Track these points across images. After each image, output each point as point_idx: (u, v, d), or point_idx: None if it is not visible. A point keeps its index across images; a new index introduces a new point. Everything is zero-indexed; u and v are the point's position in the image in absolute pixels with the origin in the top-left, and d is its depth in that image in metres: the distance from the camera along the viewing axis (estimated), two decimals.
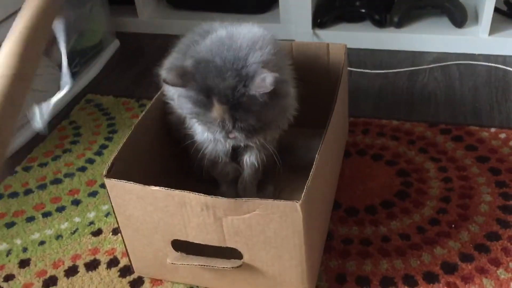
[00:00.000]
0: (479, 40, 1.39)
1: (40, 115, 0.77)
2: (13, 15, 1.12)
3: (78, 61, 1.40)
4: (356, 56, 1.42)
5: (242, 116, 0.75)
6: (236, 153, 0.90)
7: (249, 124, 0.76)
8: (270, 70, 0.73)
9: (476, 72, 1.33)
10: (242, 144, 0.84)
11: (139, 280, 0.86)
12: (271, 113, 0.77)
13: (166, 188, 0.73)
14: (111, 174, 0.76)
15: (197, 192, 0.72)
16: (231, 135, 0.77)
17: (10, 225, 0.99)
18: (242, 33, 0.79)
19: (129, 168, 0.80)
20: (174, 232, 0.77)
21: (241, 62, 0.74)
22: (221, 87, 0.73)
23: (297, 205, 0.68)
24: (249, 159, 0.89)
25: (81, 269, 0.89)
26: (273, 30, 0.84)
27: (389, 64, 1.39)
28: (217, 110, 0.75)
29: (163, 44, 0.93)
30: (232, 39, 0.77)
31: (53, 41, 1.36)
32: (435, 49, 1.43)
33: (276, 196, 0.96)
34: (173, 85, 0.76)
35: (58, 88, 1.36)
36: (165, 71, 0.77)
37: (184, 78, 0.75)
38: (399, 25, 1.46)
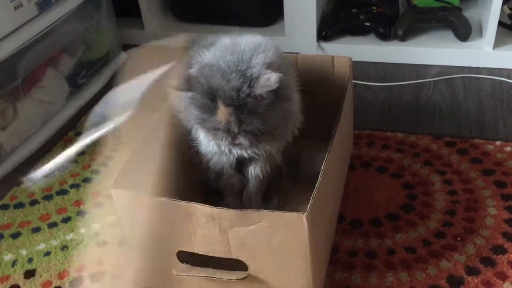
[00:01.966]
0: (484, 53, 1.40)
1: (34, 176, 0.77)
2: (10, 34, 1.14)
3: (85, 72, 1.41)
4: (360, 69, 1.43)
5: (247, 118, 0.75)
6: (241, 165, 0.90)
7: (254, 127, 0.76)
8: (274, 71, 0.75)
9: (481, 86, 1.34)
10: (246, 155, 0.84)
11: None
12: (275, 116, 0.78)
13: (172, 199, 0.73)
14: (117, 185, 0.76)
15: (202, 203, 0.72)
16: (236, 141, 0.78)
17: (15, 235, 0.99)
18: (245, 40, 0.81)
19: (135, 179, 0.80)
20: (179, 243, 0.77)
21: (245, 64, 0.75)
22: (225, 88, 0.74)
23: (302, 217, 0.68)
24: (254, 171, 0.89)
25: (86, 280, 0.89)
26: (278, 43, 0.85)
27: (393, 77, 1.40)
28: (222, 113, 0.75)
29: None
30: (235, 45, 0.79)
31: (61, 52, 1.38)
32: (439, 63, 1.43)
33: (281, 207, 0.96)
34: (179, 90, 0.78)
35: (65, 99, 1.38)
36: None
37: (189, 82, 0.76)
38: (403, 38, 1.47)
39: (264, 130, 0.77)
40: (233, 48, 0.78)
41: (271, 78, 0.73)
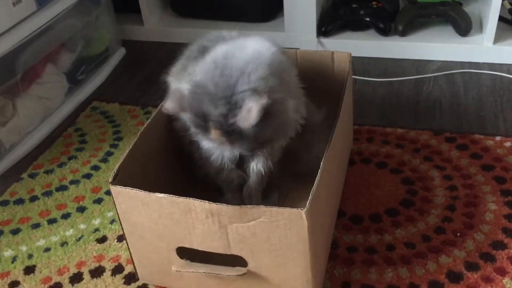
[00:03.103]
0: (484, 48, 1.39)
1: None
2: (8, 30, 1.13)
3: (84, 68, 1.41)
4: (360, 64, 1.43)
5: (238, 140, 0.76)
6: (242, 160, 0.90)
7: (246, 146, 0.77)
8: (260, 94, 0.73)
9: (481, 81, 1.33)
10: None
11: None
12: (267, 133, 0.78)
13: (171, 195, 0.73)
14: (116, 181, 0.76)
15: (202, 199, 0.72)
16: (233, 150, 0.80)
17: (15, 231, 0.99)
18: (237, 53, 0.78)
19: (134, 175, 0.80)
20: (179, 239, 0.77)
21: (230, 89, 0.74)
22: (214, 114, 0.74)
23: (302, 212, 0.68)
24: (256, 166, 0.89)
25: (86, 276, 0.89)
26: (277, 38, 0.85)
27: (393, 72, 1.39)
28: (214, 134, 0.76)
29: (169, 52, 0.93)
30: (226, 62, 0.77)
31: (61, 48, 1.38)
32: (439, 58, 1.43)
33: (281, 203, 0.96)
34: (173, 113, 0.79)
35: (64, 95, 1.38)
36: (167, 99, 0.79)
37: (182, 105, 0.77)
38: (403, 33, 1.46)
39: (258, 144, 0.78)
40: (223, 67, 0.76)
41: (251, 112, 0.71)
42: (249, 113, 0.72)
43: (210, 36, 0.90)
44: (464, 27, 1.43)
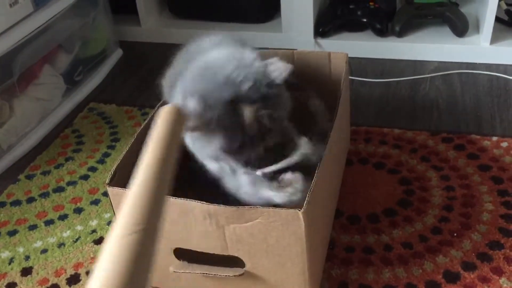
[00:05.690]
0: (481, 49, 1.40)
1: None
2: (5, 31, 1.13)
3: (81, 69, 1.41)
4: (357, 65, 1.43)
5: (274, 106, 0.74)
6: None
7: (282, 110, 0.76)
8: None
9: (478, 81, 1.34)
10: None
11: None
12: (288, 97, 0.78)
13: (169, 196, 0.73)
14: (113, 182, 0.76)
15: (199, 200, 0.72)
16: (268, 136, 0.76)
17: (12, 233, 0.99)
18: (216, 54, 0.79)
19: (131, 176, 0.80)
20: (176, 240, 0.77)
21: (242, 67, 0.74)
22: (243, 91, 0.72)
23: (299, 213, 0.68)
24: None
25: (83, 277, 0.89)
26: (275, 39, 0.85)
27: (390, 73, 1.40)
28: (250, 112, 0.73)
29: (166, 53, 0.93)
30: (214, 61, 0.77)
31: (58, 49, 1.37)
32: (436, 58, 1.43)
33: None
34: (198, 130, 0.74)
35: (61, 96, 1.38)
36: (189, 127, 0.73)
37: (205, 114, 0.72)
38: (400, 34, 1.46)
39: (284, 116, 0.78)
40: (219, 62, 0.76)
41: (278, 63, 0.73)
42: (277, 65, 0.73)
43: (203, 42, 0.88)
44: (461, 27, 1.43)
